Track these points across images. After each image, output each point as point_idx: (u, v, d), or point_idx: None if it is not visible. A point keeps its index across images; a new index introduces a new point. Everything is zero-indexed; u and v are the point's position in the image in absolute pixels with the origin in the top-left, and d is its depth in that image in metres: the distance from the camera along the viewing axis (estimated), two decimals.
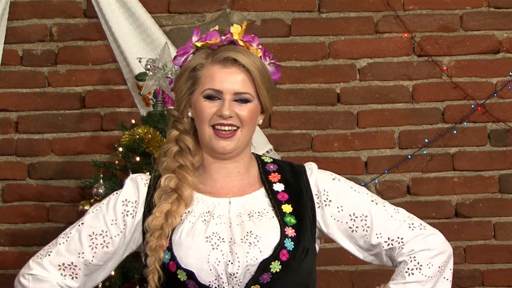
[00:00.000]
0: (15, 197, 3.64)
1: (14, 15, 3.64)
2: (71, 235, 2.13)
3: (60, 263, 2.11)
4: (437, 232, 2.14)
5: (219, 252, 2.01)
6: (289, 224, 2.07)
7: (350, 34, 3.64)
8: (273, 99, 2.15)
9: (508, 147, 3.59)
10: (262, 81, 2.10)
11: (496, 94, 3.59)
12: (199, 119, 2.10)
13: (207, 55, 2.11)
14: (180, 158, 2.12)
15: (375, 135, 3.62)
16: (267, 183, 2.13)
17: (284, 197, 2.11)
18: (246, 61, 2.08)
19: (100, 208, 2.14)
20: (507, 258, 3.56)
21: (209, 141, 2.09)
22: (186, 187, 2.08)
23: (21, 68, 3.67)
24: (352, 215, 2.11)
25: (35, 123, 3.65)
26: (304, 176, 2.16)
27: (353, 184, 2.18)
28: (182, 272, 2.02)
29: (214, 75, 2.08)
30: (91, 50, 3.66)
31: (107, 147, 3.60)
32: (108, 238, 2.11)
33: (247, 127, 2.10)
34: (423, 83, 3.62)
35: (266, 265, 2.01)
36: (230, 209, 2.08)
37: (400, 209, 2.16)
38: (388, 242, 2.10)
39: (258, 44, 2.15)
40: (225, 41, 2.13)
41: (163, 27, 3.62)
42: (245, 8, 3.64)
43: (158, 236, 2.03)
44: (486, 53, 3.62)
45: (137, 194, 2.13)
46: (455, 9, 3.63)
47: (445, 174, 3.60)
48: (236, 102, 2.08)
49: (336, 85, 3.63)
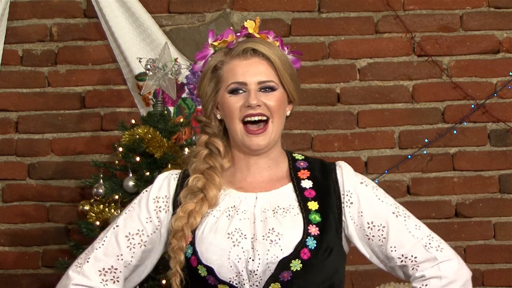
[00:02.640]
0: (15, 197, 3.64)
1: (14, 15, 3.64)
2: (107, 238, 2.10)
3: (100, 269, 2.08)
4: (452, 258, 2.08)
5: (240, 249, 2.00)
6: (313, 222, 2.04)
7: (350, 34, 3.64)
8: (297, 86, 2.13)
9: (508, 147, 3.59)
10: (284, 68, 2.09)
11: (496, 94, 3.59)
12: (228, 116, 2.09)
13: (225, 53, 2.11)
14: (210, 160, 2.11)
15: (375, 135, 3.62)
16: (296, 179, 2.11)
17: (311, 194, 2.09)
18: (265, 50, 2.08)
19: (133, 208, 2.13)
20: (507, 258, 3.57)
21: (241, 140, 2.08)
22: (212, 187, 2.07)
23: (21, 68, 3.67)
24: (370, 223, 2.08)
25: (35, 123, 3.65)
26: (333, 174, 2.14)
27: (380, 192, 2.14)
28: (202, 268, 2.01)
29: (235, 68, 2.08)
30: (91, 50, 3.66)
31: (107, 147, 3.60)
32: (145, 236, 2.10)
33: (276, 117, 2.08)
34: (423, 83, 3.62)
35: (286, 264, 1.99)
36: (256, 204, 2.07)
37: (422, 226, 2.10)
38: (401, 259, 2.06)
39: (274, 36, 2.15)
40: (241, 36, 2.13)
41: (163, 27, 3.62)
42: (245, 8, 3.64)
43: (179, 238, 2.03)
44: (486, 53, 3.63)
45: (167, 189, 2.13)
46: (455, 9, 3.63)
47: (445, 174, 3.60)
48: (261, 92, 2.07)
49: (336, 85, 3.63)
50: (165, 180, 2.15)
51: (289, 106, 2.14)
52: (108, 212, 3.08)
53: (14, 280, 3.60)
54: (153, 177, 3.08)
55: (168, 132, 3.13)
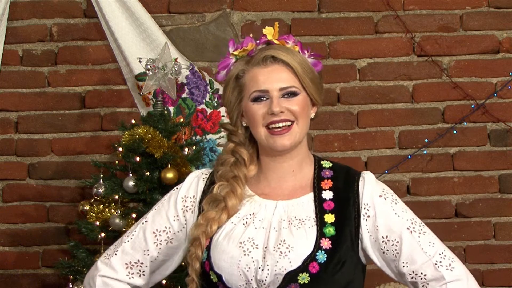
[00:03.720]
0: (15, 197, 3.63)
1: (14, 15, 3.64)
2: (135, 233, 2.15)
3: (127, 262, 2.14)
4: (461, 278, 2.11)
5: (249, 258, 2.02)
6: (327, 235, 2.05)
7: (350, 34, 3.64)
8: (319, 89, 2.15)
9: (508, 147, 3.59)
10: (304, 73, 2.10)
11: (496, 94, 3.59)
12: (253, 123, 2.11)
13: (246, 61, 2.13)
14: (235, 169, 2.14)
15: (375, 135, 3.62)
16: (317, 189, 2.12)
17: (330, 206, 2.10)
18: (285, 56, 2.10)
19: (162, 204, 2.17)
20: (507, 258, 3.56)
21: (266, 142, 2.09)
22: (232, 197, 2.10)
23: (21, 68, 3.67)
24: (385, 238, 2.08)
25: (35, 123, 3.65)
26: (355, 184, 2.14)
27: (399, 206, 2.13)
28: (213, 274, 2.04)
29: (257, 77, 2.10)
30: (91, 50, 3.66)
31: (107, 147, 3.60)
32: (172, 234, 2.14)
33: (301, 120, 2.10)
34: (423, 83, 3.62)
35: (293, 277, 2.00)
36: (274, 213, 2.08)
37: (436, 242, 2.11)
38: (412, 275, 2.07)
39: (294, 41, 2.17)
40: (260, 44, 2.16)
41: (163, 27, 3.62)
42: (245, 8, 3.64)
43: (196, 246, 2.07)
44: (486, 53, 3.63)
45: (196, 190, 2.16)
46: (455, 9, 3.63)
47: (445, 174, 3.60)
48: (284, 98, 2.09)
49: (336, 85, 3.63)
50: (195, 180, 2.18)
51: (313, 108, 2.16)
52: (108, 212, 3.08)
53: (14, 280, 3.60)
54: (153, 177, 3.09)
55: (168, 132, 3.13)
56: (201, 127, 3.50)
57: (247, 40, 2.17)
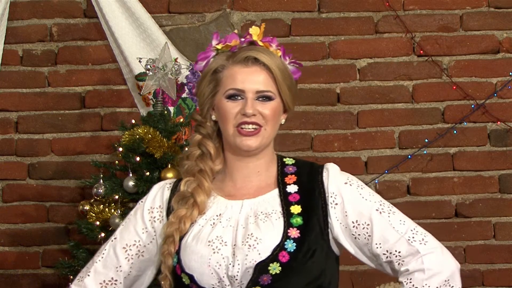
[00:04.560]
0: (15, 197, 3.64)
1: (14, 15, 3.64)
2: (106, 251, 2.15)
3: (101, 281, 2.13)
4: (436, 250, 2.08)
5: (219, 255, 2.02)
6: (294, 225, 2.06)
7: (350, 34, 3.64)
8: (294, 97, 2.16)
9: (508, 147, 3.59)
10: (283, 79, 2.11)
11: (496, 94, 3.59)
12: (223, 120, 2.11)
13: (227, 57, 2.13)
14: (201, 162, 2.14)
15: (375, 135, 3.62)
16: (282, 185, 2.13)
17: (295, 198, 2.11)
18: (267, 60, 2.10)
19: (129, 219, 2.17)
20: (507, 258, 3.56)
21: (233, 140, 2.10)
22: (200, 192, 2.10)
23: (21, 68, 3.67)
24: (355, 222, 2.09)
25: (35, 123, 3.65)
26: (319, 176, 2.15)
27: (366, 190, 2.15)
28: (185, 276, 2.04)
29: (235, 75, 2.10)
30: (91, 50, 3.66)
31: (107, 147, 3.60)
32: (142, 246, 2.14)
33: (270, 125, 2.11)
34: (423, 83, 3.62)
35: (264, 267, 2.01)
36: (241, 212, 2.09)
37: (406, 220, 2.12)
38: (386, 255, 2.07)
39: (277, 45, 2.17)
40: (244, 42, 2.15)
41: (163, 27, 3.62)
42: (245, 8, 3.64)
43: (169, 243, 2.07)
44: (486, 53, 3.63)
45: (161, 199, 2.16)
46: (455, 9, 3.63)
47: (445, 174, 3.60)
48: (258, 101, 2.09)
49: (336, 85, 3.63)
50: (159, 190, 2.18)
51: (284, 115, 2.17)
52: (108, 212, 3.08)
53: (14, 280, 3.60)
54: (153, 177, 3.08)
55: (168, 132, 3.13)
56: None
57: (231, 36, 2.16)
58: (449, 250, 2.08)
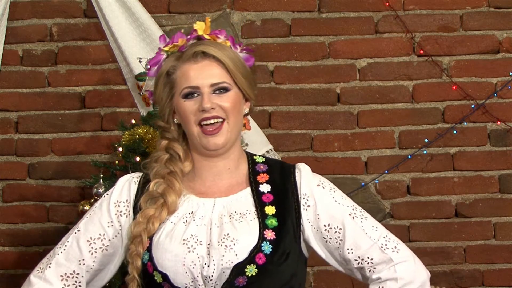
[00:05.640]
0: (15, 197, 3.64)
1: (14, 15, 3.64)
2: (68, 243, 2.11)
3: (62, 273, 2.09)
4: (408, 259, 2.08)
5: (195, 255, 2.00)
6: (269, 226, 2.04)
7: (350, 34, 3.64)
8: (252, 84, 2.14)
9: (508, 147, 3.59)
10: (236, 68, 2.09)
11: (496, 94, 3.59)
12: (185, 120, 2.09)
13: (177, 57, 2.11)
14: (171, 165, 2.12)
15: (375, 135, 3.62)
16: (254, 184, 2.12)
17: (269, 198, 2.09)
18: (215, 52, 2.08)
19: (94, 212, 2.14)
20: (507, 258, 3.56)
21: (199, 140, 2.08)
22: (171, 193, 2.08)
23: (21, 68, 3.67)
24: (327, 226, 2.08)
25: (35, 123, 3.65)
26: (292, 176, 2.13)
27: (338, 193, 2.14)
28: (157, 274, 2.02)
29: (187, 73, 2.08)
30: (91, 50, 3.66)
31: (107, 147, 3.60)
32: (107, 241, 2.11)
33: (232, 117, 2.08)
34: (423, 83, 3.62)
35: (241, 269, 2.00)
36: (214, 210, 2.07)
37: (379, 227, 2.11)
38: (358, 261, 2.07)
39: (225, 36, 2.15)
40: (191, 39, 2.13)
41: (163, 27, 3.62)
42: (245, 8, 3.64)
43: (137, 243, 2.04)
44: (486, 53, 3.62)
45: (128, 193, 2.13)
46: (455, 9, 3.63)
47: (445, 174, 3.60)
48: (215, 94, 2.07)
49: (336, 85, 3.63)
50: (126, 184, 2.16)
51: (247, 103, 2.15)
52: None
53: (14, 280, 3.60)
54: None
55: None
56: None
57: (177, 35, 2.14)
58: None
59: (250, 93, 2.13)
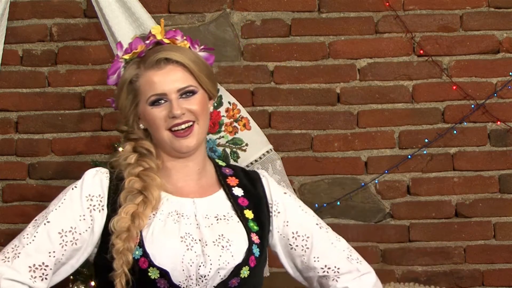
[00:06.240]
0: (15, 197, 3.64)
1: (14, 15, 3.64)
2: (38, 234, 2.04)
3: (30, 264, 2.02)
4: (371, 270, 2.18)
5: (193, 253, 2.01)
6: (253, 230, 2.08)
7: (350, 34, 3.64)
8: (215, 83, 2.16)
9: (508, 147, 3.59)
10: (199, 70, 2.10)
11: (496, 94, 3.59)
12: (153, 127, 2.09)
13: (138, 64, 2.11)
14: (144, 161, 2.11)
15: (375, 135, 3.62)
16: (226, 186, 2.14)
17: (244, 202, 2.12)
18: (178, 57, 2.08)
19: (64, 204, 2.09)
20: (507, 258, 3.56)
21: (170, 144, 2.08)
22: (154, 188, 2.06)
23: (21, 68, 3.67)
24: (295, 233, 2.13)
25: (35, 123, 3.65)
26: (260, 183, 2.17)
27: (301, 203, 2.20)
28: (154, 270, 2.00)
29: (152, 80, 2.08)
30: (91, 50, 3.66)
31: (107, 147, 3.60)
32: (77, 234, 2.05)
33: (201, 119, 2.10)
34: (423, 83, 3.62)
35: (238, 270, 2.02)
36: (196, 210, 2.07)
37: (340, 238, 2.18)
38: (324, 269, 2.12)
39: (182, 36, 2.16)
40: (150, 45, 2.13)
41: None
42: (245, 8, 3.64)
43: (125, 238, 2.00)
44: (486, 53, 3.62)
45: (101, 189, 2.10)
46: (455, 9, 3.63)
47: (445, 174, 3.60)
48: (183, 98, 2.08)
49: (336, 85, 3.63)
50: (96, 178, 2.11)
51: (210, 102, 2.16)
52: None
53: None
54: None
55: None
56: None
57: (135, 42, 2.14)
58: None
59: (214, 92, 2.15)
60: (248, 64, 3.62)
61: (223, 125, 3.27)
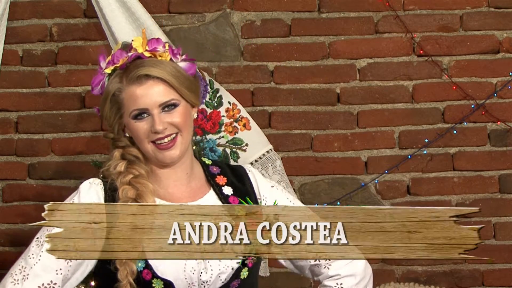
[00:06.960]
0: (15, 197, 3.64)
1: (14, 15, 3.64)
2: (43, 253, 2.09)
3: (39, 284, 2.06)
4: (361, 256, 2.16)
5: (194, 261, 2.02)
6: None
7: (350, 34, 3.64)
8: (197, 93, 2.17)
9: (508, 147, 3.59)
10: (180, 84, 2.11)
11: (496, 94, 3.59)
12: (137, 139, 2.13)
13: (120, 78, 2.13)
14: (133, 168, 2.13)
15: (375, 135, 3.62)
16: (216, 186, 2.16)
17: (235, 201, 2.13)
18: (158, 73, 2.10)
19: None
20: (507, 258, 3.56)
21: (155, 156, 2.11)
22: (148, 195, 2.08)
23: (21, 68, 3.67)
24: None
25: (35, 123, 3.65)
26: (247, 178, 2.19)
27: (289, 194, 2.21)
28: (158, 281, 2.02)
29: (134, 95, 2.10)
30: (91, 50, 3.66)
31: (107, 147, 3.59)
32: None
33: (185, 130, 2.12)
34: (423, 83, 3.62)
35: (238, 272, 2.05)
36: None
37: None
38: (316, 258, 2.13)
39: (164, 45, 2.16)
40: (132, 58, 2.14)
41: (163, 27, 3.62)
42: (245, 8, 3.64)
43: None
44: (486, 53, 3.62)
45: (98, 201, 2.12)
46: (455, 9, 3.63)
47: (445, 174, 3.60)
48: (164, 112, 2.10)
49: (336, 85, 3.63)
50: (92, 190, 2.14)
51: (194, 109, 2.18)
52: None
53: None
54: None
55: None
56: (201, 127, 3.50)
57: (117, 54, 2.16)
58: None
59: (196, 101, 2.17)
60: (248, 64, 3.62)
61: (223, 125, 3.27)
